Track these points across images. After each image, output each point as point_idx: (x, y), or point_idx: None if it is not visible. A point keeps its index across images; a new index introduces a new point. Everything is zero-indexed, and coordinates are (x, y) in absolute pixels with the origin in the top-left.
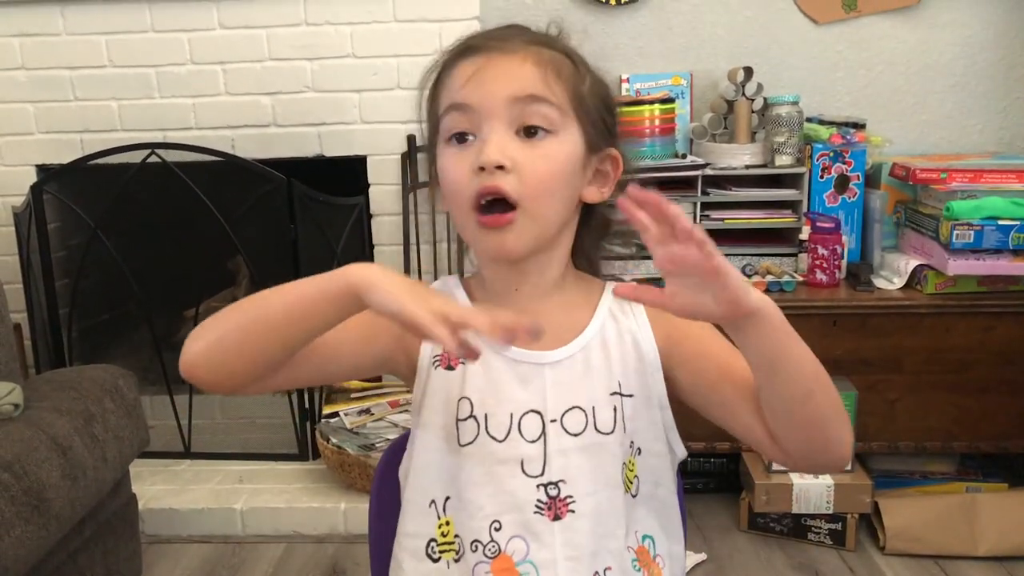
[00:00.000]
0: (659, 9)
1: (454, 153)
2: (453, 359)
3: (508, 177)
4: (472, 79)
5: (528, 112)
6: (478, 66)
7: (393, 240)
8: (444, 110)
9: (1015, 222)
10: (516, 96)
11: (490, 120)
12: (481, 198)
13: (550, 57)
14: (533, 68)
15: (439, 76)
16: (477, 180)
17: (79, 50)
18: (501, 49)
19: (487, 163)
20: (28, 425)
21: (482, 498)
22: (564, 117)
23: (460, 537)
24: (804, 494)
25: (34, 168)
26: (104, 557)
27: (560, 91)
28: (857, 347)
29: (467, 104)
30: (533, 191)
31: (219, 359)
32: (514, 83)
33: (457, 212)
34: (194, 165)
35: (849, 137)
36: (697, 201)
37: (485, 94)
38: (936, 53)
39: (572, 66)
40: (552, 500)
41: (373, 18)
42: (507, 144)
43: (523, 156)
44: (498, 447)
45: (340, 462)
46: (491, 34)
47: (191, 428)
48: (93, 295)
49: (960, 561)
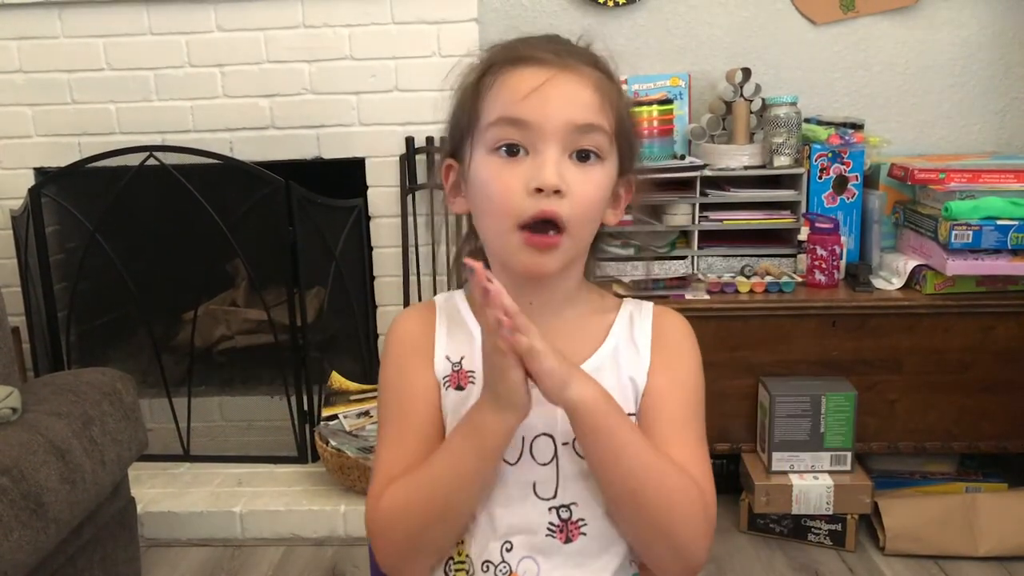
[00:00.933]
0: (657, 10)
1: (502, 165)
2: (463, 380)
3: (563, 202)
4: (535, 95)
5: (584, 139)
6: (540, 81)
7: (392, 242)
8: (496, 119)
9: (1013, 222)
10: (577, 123)
11: (548, 141)
12: (534, 219)
13: (606, 83)
14: (593, 94)
15: (481, 79)
16: (532, 201)
17: (77, 53)
18: (563, 67)
19: (547, 186)
20: (26, 429)
21: (494, 519)
22: (611, 145)
23: (471, 557)
24: (804, 495)
25: (32, 171)
26: (103, 561)
27: (611, 118)
28: (856, 347)
29: (526, 120)
30: (580, 216)
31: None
32: (576, 108)
33: (497, 225)
34: (192, 168)
35: (847, 138)
36: (696, 202)
37: (548, 114)
38: (934, 53)
39: (617, 93)
40: (564, 523)
41: (371, 20)
42: (564, 168)
43: (575, 181)
44: (510, 470)
45: (339, 464)
46: (547, 46)
47: (190, 431)
48: (91, 298)
49: (960, 561)
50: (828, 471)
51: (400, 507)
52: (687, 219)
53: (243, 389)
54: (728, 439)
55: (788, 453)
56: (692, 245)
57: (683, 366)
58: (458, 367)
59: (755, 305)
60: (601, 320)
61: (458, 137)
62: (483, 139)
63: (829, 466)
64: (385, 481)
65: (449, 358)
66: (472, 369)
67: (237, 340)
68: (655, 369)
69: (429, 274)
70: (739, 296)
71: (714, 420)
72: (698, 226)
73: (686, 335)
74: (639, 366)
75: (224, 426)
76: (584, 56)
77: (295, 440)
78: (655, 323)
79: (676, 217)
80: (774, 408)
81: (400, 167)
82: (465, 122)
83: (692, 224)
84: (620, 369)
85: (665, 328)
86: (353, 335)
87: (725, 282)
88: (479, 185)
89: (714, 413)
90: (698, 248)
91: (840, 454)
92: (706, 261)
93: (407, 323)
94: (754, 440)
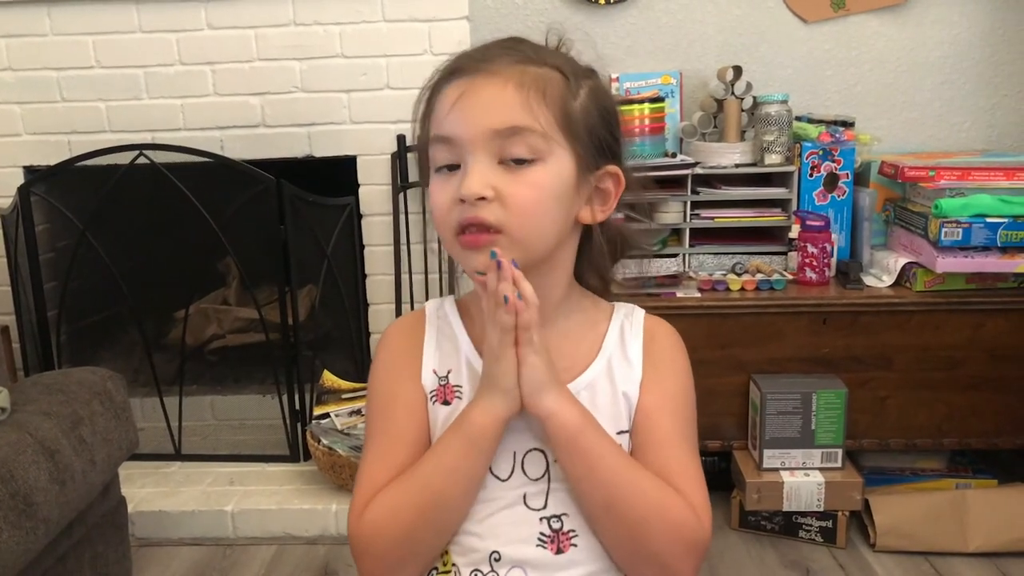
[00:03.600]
0: (648, 8)
1: (440, 182)
2: (449, 395)
3: (490, 206)
4: (454, 108)
5: (510, 143)
6: (460, 91)
7: (384, 240)
8: (431, 139)
9: (1003, 219)
10: (496, 129)
11: (473, 152)
12: (462, 228)
13: (535, 77)
14: (514, 93)
15: (428, 99)
16: (459, 210)
17: (66, 51)
18: (484, 71)
19: (467, 196)
20: (15, 428)
21: (483, 529)
22: (550, 142)
23: (457, 566)
24: (795, 492)
25: (21, 169)
26: (93, 561)
27: (545, 115)
28: (847, 345)
29: (449, 136)
30: (518, 217)
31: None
32: (494, 113)
33: (443, 239)
34: (183, 166)
35: (838, 135)
36: (687, 200)
37: (466, 126)
38: (924, 51)
39: (563, 83)
40: (555, 533)
41: (362, 18)
42: (488, 175)
43: (506, 185)
44: (500, 484)
45: (331, 463)
46: (479, 53)
47: (181, 430)
48: (82, 297)
49: (950, 558)
50: (819, 468)
51: (387, 514)
52: (678, 217)
53: (234, 388)
54: (719, 436)
55: (779, 450)
56: (683, 243)
57: (674, 380)
58: (444, 381)
59: (746, 303)
60: (593, 332)
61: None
62: (430, 159)
63: (820, 463)
64: (368, 494)
65: (436, 372)
66: (459, 384)
67: (228, 339)
68: (647, 384)
69: (421, 272)
70: (730, 294)
71: (705, 418)
72: (689, 224)
73: (676, 346)
74: (631, 380)
75: (215, 425)
76: (520, 55)
77: (287, 439)
78: (646, 335)
79: (667, 215)
80: (765, 405)
81: (392, 165)
82: (422, 141)
83: (683, 222)
84: (614, 384)
85: (656, 340)
86: (345, 333)
87: (716, 280)
88: (428, 204)
89: (705, 411)
90: (689, 246)
91: (831, 451)
92: (697, 259)
93: (395, 335)
94: (745, 437)
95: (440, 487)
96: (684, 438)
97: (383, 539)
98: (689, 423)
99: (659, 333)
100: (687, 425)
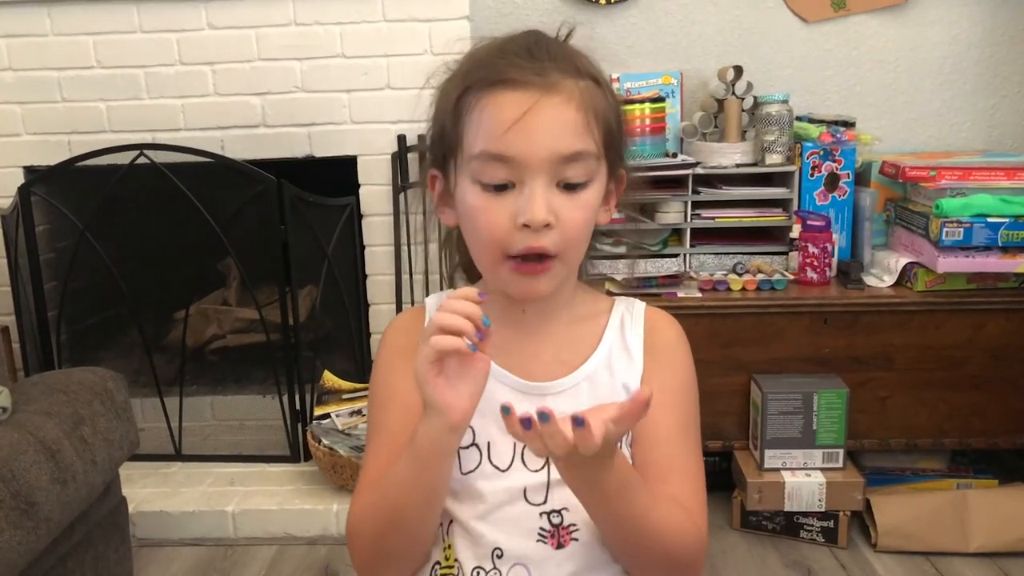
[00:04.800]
0: (649, 8)
1: (489, 198)
2: None
3: (552, 234)
4: (517, 127)
5: (570, 168)
6: (522, 110)
7: (384, 240)
8: (480, 153)
9: (1004, 219)
10: (562, 154)
11: (534, 174)
12: (522, 254)
13: (589, 94)
14: (576, 114)
15: (461, 98)
16: (520, 235)
17: (66, 51)
18: (545, 88)
19: (534, 223)
20: (16, 428)
21: (484, 525)
22: (600, 161)
23: (460, 562)
24: (796, 492)
25: (21, 170)
26: (94, 561)
27: (599, 132)
28: (848, 345)
29: (511, 156)
30: (571, 241)
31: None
32: (562, 137)
33: (487, 256)
34: (183, 166)
35: (839, 135)
36: (688, 200)
37: (532, 147)
38: (925, 51)
39: (603, 97)
40: (555, 528)
41: (362, 18)
42: (552, 200)
43: (564, 210)
44: (501, 476)
45: (332, 463)
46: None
47: (182, 430)
48: (82, 297)
49: (951, 558)
50: (820, 468)
51: (360, 516)
52: (679, 217)
53: (235, 388)
54: (720, 436)
55: (780, 450)
56: (684, 243)
57: (674, 374)
58: None
59: (747, 303)
60: (594, 324)
61: (441, 153)
62: (468, 167)
63: (821, 463)
64: (363, 488)
65: None
66: None
67: (229, 339)
68: (648, 377)
69: (422, 272)
70: (731, 294)
71: (706, 418)
72: (690, 224)
73: (678, 338)
74: (632, 372)
75: (216, 425)
76: (567, 65)
77: (287, 439)
78: (647, 326)
79: (668, 215)
80: (766, 405)
81: (392, 165)
82: (448, 142)
83: (684, 222)
84: (614, 375)
85: (657, 332)
86: (345, 334)
87: (717, 280)
88: (466, 213)
89: (706, 411)
90: (690, 246)
91: (832, 451)
92: (698, 259)
93: (395, 331)
94: (746, 437)
95: (395, 499)
96: (685, 434)
97: (361, 537)
98: (691, 417)
99: (660, 324)
100: (689, 419)
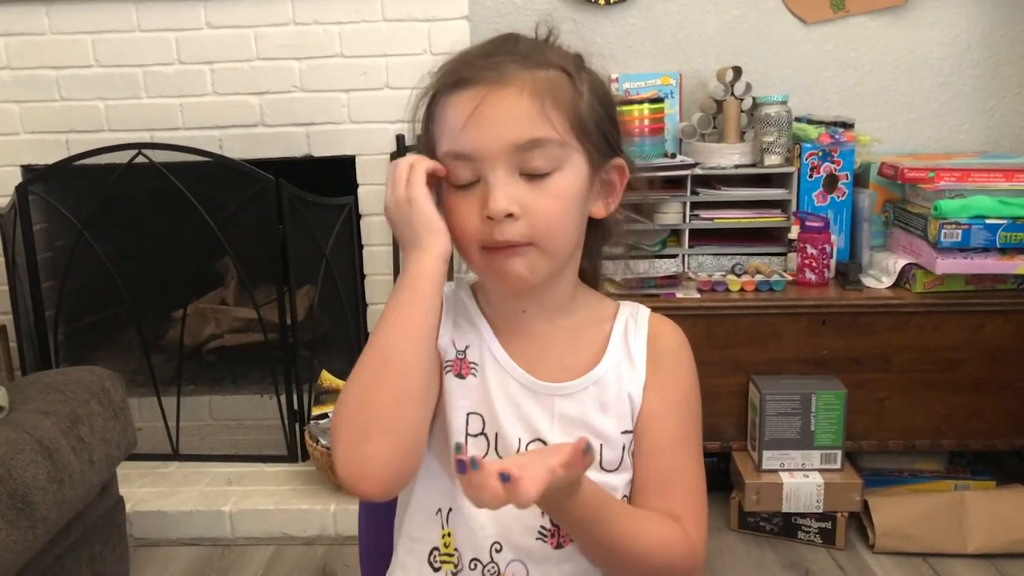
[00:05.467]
0: (648, 9)
1: (459, 197)
2: (465, 369)
3: (518, 224)
4: (470, 123)
5: (530, 156)
6: (475, 103)
7: (383, 240)
8: (444, 154)
9: (1002, 221)
10: (516, 143)
11: (493, 168)
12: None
13: (546, 81)
14: (530, 102)
15: (430, 106)
16: (487, 229)
17: (65, 50)
18: (495, 81)
19: (495, 213)
20: (13, 427)
21: (484, 517)
22: (567, 148)
23: (459, 551)
24: (794, 493)
25: (19, 168)
26: (91, 561)
27: (560, 120)
28: (846, 346)
29: (467, 152)
30: (546, 231)
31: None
32: (512, 126)
33: (465, 252)
34: (182, 165)
35: (837, 136)
36: (686, 200)
37: (485, 141)
38: (924, 52)
39: (568, 82)
40: (555, 528)
41: (361, 17)
42: (513, 189)
43: (531, 199)
44: None
45: (329, 463)
46: (481, 59)
47: (179, 430)
48: (80, 297)
49: (949, 559)
50: (818, 469)
51: (347, 386)
52: (678, 217)
53: (232, 388)
54: (718, 437)
55: (778, 451)
56: (683, 244)
57: (678, 384)
58: (462, 355)
59: (745, 304)
60: (598, 331)
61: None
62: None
63: (819, 464)
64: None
65: (455, 344)
66: (475, 361)
67: (227, 339)
68: (650, 387)
69: None
70: (729, 295)
71: (705, 418)
72: (689, 224)
73: (681, 347)
74: (636, 382)
75: (213, 425)
76: (532, 59)
77: (285, 439)
78: (651, 335)
79: (667, 215)
80: (764, 406)
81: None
82: (427, 150)
83: (683, 223)
84: (620, 384)
85: (661, 341)
86: (343, 333)
87: (716, 280)
88: (446, 215)
89: (705, 411)
90: (689, 247)
91: (830, 452)
92: (697, 260)
93: None
94: (744, 438)
95: (385, 341)
96: (686, 445)
97: (344, 409)
98: (692, 427)
99: (663, 333)
100: (690, 430)
